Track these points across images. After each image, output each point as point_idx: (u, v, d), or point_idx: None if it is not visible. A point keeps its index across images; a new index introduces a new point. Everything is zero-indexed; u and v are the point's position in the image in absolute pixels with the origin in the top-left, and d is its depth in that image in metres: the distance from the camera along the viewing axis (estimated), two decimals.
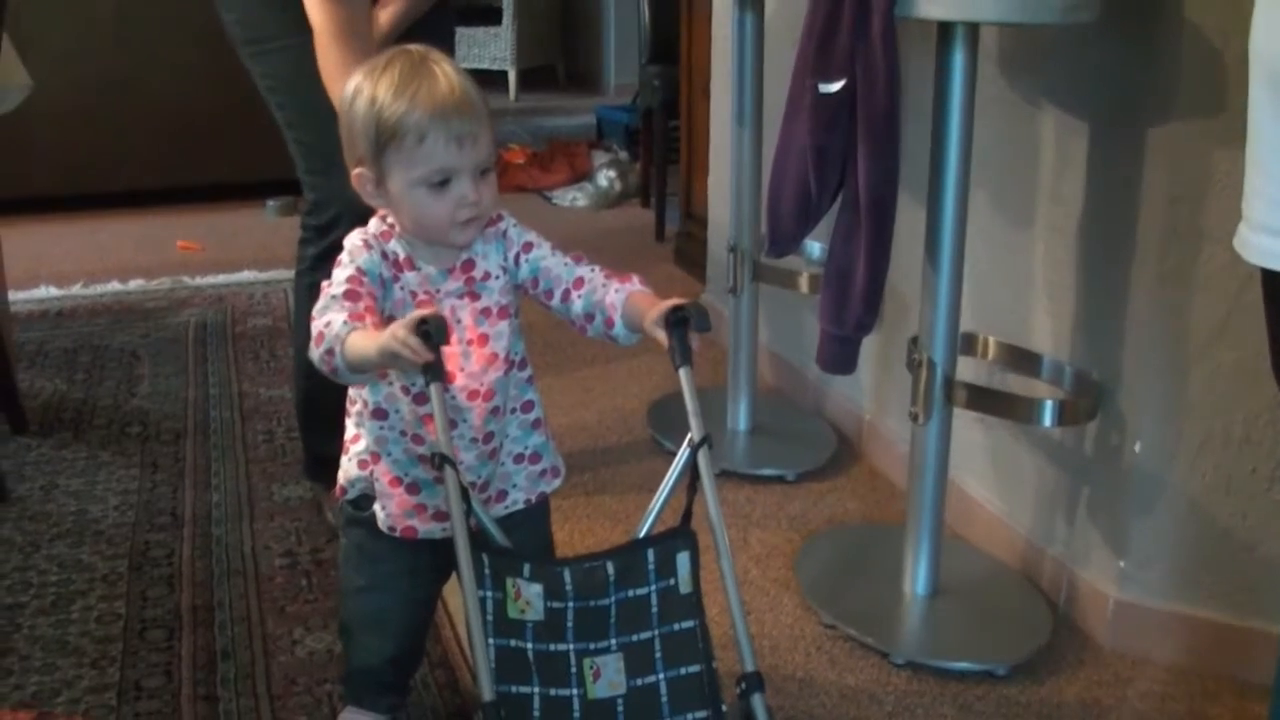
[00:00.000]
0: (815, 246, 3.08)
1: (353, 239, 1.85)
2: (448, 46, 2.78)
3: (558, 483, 2.03)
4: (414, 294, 1.83)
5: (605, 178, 5.97)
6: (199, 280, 4.71)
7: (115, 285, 4.64)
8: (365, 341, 1.66)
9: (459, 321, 1.84)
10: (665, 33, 5.16)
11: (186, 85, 5.48)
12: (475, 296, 1.87)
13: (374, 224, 1.86)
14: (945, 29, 2.27)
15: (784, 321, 3.63)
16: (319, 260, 2.64)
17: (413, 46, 1.81)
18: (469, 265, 1.87)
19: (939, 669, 2.35)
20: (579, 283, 1.89)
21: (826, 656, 2.40)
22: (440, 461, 1.66)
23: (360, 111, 1.76)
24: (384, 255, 1.82)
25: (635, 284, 1.88)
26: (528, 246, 1.91)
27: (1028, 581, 2.62)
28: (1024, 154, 2.58)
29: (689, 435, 1.77)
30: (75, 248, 5.19)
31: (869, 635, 2.42)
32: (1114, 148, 2.36)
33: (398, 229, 1.84)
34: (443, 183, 1.75)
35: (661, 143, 5.39)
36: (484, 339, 1.87)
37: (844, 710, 2.24)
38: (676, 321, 1.76)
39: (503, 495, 1.96)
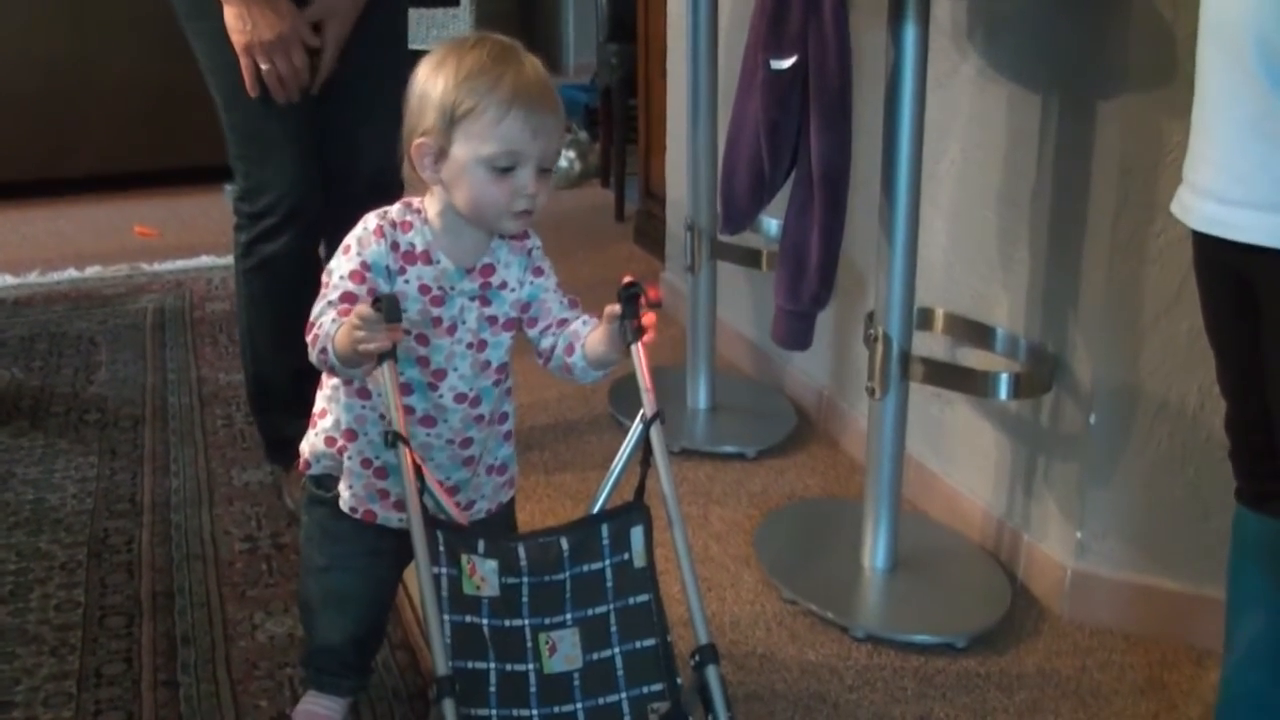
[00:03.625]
0: (773, 224, 3.08)
1: (368, 223, 1.83)
2: (402, 25, 2.73)
3: (512, 492, 2.06)
4: (425, 287, 1.82)
5: (565, 158, 5.94)
6: (157, 266, 4.67)
7: (72, 272, 4.60)
8: (342, 335, 1.69)
9: (463, 323, 1.85)
10: (623, 11, 5.14)
11: (143, 69, 5.42)
12: (486, 302, 1.87)
13: (397, 210, 1.84)
14: (897, 3, 2.27)
15: (743, 299, 3.64)
16: (251, 246, 2.63)
17: (500, 36, 1.79)
18: (489, 270, 1.86)
19: (899, 642, 2.37)
20: (563, 323, 1.90)
21: (787, 631, 2.41)
22: (393, 439, 1.67)
23: (440, 82, 1.74)
24: (394, 246, 1.81)
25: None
26: (538, 271, 1.92)
27: (986, 554, 2.63)
28: (978, 128, 2.59)
29: (641, 411, 1.78)
30: (31, 234, 5.15)
31: (829, 610, 2.43)
32: (1067, 120, 2.37)
33: (425, 217, 1.83)
34: (507, 169, 1.74)
35: (620, 122, 5.36)
36: (483, 345, 1.87)
37: (805, 685, 2.26)
38: (627, 298, 1.77)
39: (471, 504, 1.96)
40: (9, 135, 5.37)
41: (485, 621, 1.69)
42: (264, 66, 2.43)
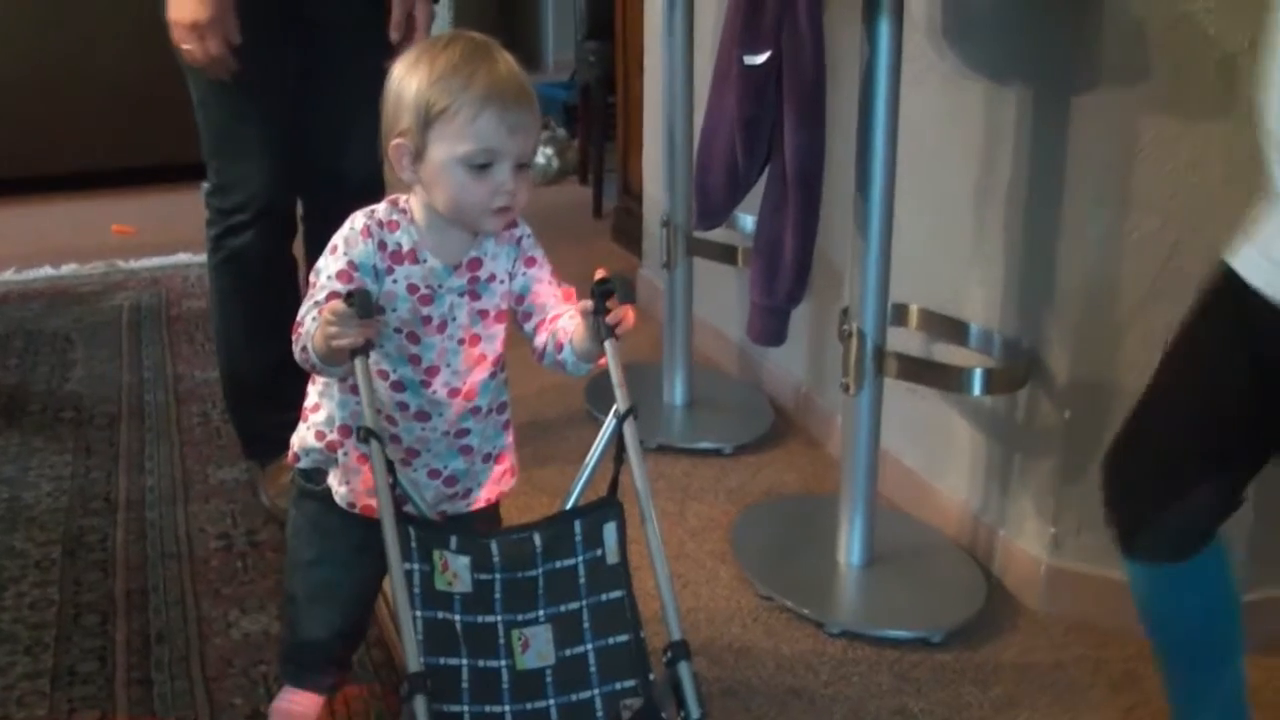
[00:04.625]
0: (748, 220, 3.08)
1: (355, 222, 1.82)
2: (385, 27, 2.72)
3: (514, 481, 2.03)
4: (414, 287, 1.81)
5: (543, 155, 5.93)
6: (133, 264, 4.67)
7: (48, 270, 4.59)
8: (317, 331, 1.69)
9: (454, 319, 1.84)
10: (601, 9, 5.14)
11: (122, 68, 5.41)
12: (476, 296, 1.85)
13: (384, 209, 1.83)
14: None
15: (720, 295, 3.64)
16: (219, 240, 2.63)
17: (474, 34, 1.79)
18: (475, 264, 1.85)
19: (874, 637, 2.37)
20: (555, 318, 1.88)
21: (763, 627, 2.42)
22: (365, 435, 1.67)
23: (414, 82, 1.73)
24: (381, 245, 1.80)
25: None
26: (531, 261, 1.90)
27: (961, 549, 2.64)
28: (954, 125, 2.59)
29: (615, 406, 1.78)
30: (7, 232, 5.13)
31: (805, 606, 2.44)
32: (1042, 117, 2.38)
33: (411, 216, 1.82)
34: (484, 166, 1.73)
35: (599, 119, 5.37)
36: (475, 339, 1.86)
37: (780, 680, 2.26)
38: (601, 294, 1.76)
39: (468, 493, 1.95)
40: None
41: (458, 617, 1.69)
42: (183, 46, 2.42)
